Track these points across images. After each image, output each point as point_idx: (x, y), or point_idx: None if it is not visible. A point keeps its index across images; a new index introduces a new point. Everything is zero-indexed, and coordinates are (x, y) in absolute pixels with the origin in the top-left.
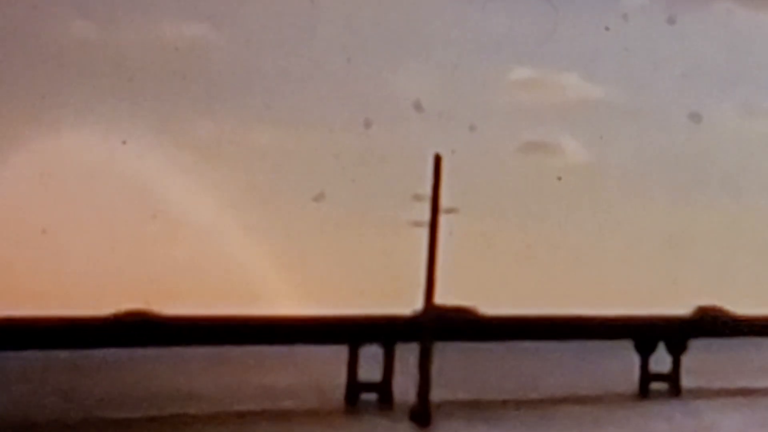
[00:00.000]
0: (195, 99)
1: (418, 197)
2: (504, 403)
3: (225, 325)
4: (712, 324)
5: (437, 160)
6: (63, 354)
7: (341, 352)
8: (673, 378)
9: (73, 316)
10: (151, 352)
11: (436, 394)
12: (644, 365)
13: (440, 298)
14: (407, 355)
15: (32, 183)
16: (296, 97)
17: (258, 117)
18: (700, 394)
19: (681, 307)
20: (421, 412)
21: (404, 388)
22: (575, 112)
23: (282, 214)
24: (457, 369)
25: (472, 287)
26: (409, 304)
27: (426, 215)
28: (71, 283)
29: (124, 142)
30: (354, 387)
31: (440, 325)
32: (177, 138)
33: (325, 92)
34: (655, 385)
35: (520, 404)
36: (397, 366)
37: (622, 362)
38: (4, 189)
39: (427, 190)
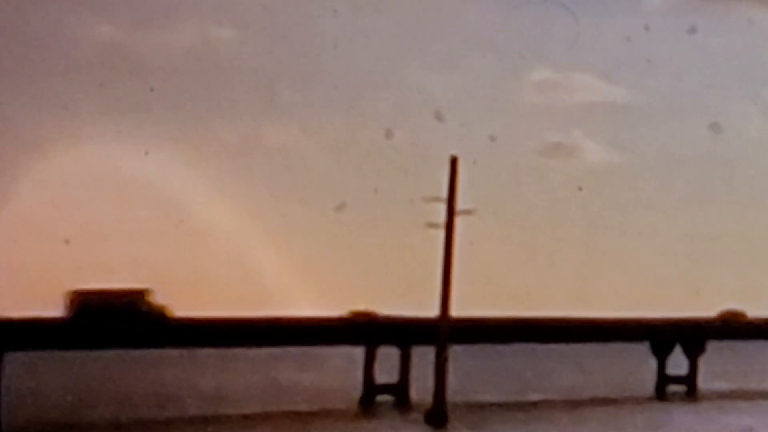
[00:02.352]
0: (217, 108)
1: (434, 199)
2: (521, 405)
3: (243, 326)
4: (729, 326)
5: (453, 162)
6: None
7: (358, 353)
8: (690, 380)
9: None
10: (168, 353)
11: (452, 396)
12: (661, 367)
13: (459, 302)
14: (424, 357)
15: (55, 193)
16: (318, 107)
17: (280, 126)
18: (717, 396)
19: (703, 312)
20: (437, 413)
21: (421, 390)
22: (596, 119)
23: (304, 222)
24: (474, 371)
25: (492, 290)
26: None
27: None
28: None
29: (146, 153)
30: (370, 388)
31: (456, 328)
32: (199, 147)
33: (346, 102)
34: (672, 388)
35: (536, 406)
36: (414, 368)
37: (639, 364)
38: (27, 199)
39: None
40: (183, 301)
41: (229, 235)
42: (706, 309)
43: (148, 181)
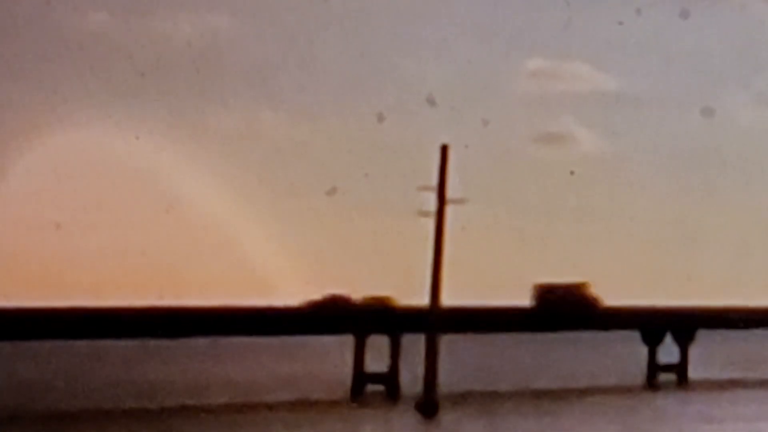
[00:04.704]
0: (208, 94)
1: (425, 188)
2: (511, 394)
3: (231, 315)
4: (721, 315)
5: (444, 150)
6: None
7: (348, 343)
8: (680, 369)
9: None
10: (157, 343)
11: (443, 385)
12: (651, 356)
13: (451, 290)
14: (414, 346)
15: (46, 178)
16: (309, 92)
17: (271, 111)
18: (707, 385)
19: (694, 300)
20: (428, 403)
21: (412, 379)
22: (588, 104)
23: (295, 207)
24: (464, 360)
25: (484, 279)
26: (422, 296)
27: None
28: (85, 278)
29: (137, 137)
30: (360, 378)
31: (447, 316)
32: (190, 133)
33: (338, 87)
34: (663, 377)
35: (527, 395)
36: (404, 357)
37: (629, 353)
38: (18, 184)
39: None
40: (172, 285)
41: (219, 220)
42: (698, 297)
43: (138, 166)
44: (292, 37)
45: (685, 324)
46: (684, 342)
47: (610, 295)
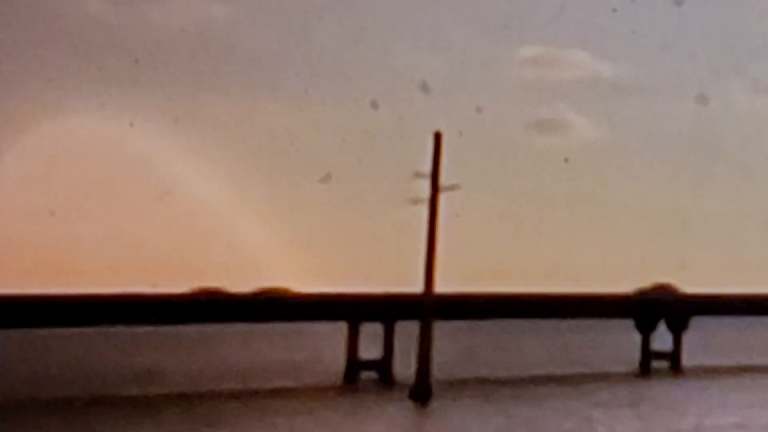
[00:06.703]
0: (202, 81)
1: (418, 175)
2: (505, 381)
3: (225, 302)
4: (714, 303)
5: (437, 137)
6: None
7: (341, 329)
8: (674, 356)
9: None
10: (145, 330)
11: (437, 373)
12: (645, 343)
13: (444, 278)
14: (409, 333)
15: (40, 165)
16: (303, 79)
17: (265, 98)
18: (701, 372)
19: (688, 287)
20: (421, 390)
21: (406, 366)
22: (582, 92)
23: (288, 195)
24: (458, 347)
25: (478, 266)
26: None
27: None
28: (79, 265)
29: (131, 124)
30: (354, 365)
31: (440, 304)
32: (184, 120)
33: (332, 73)
34: (657, 364)
35: (520, 383)
36: (398, 344)
37: (623, 340)
38: (12, 171)
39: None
40: (165, 273)
41: (213, 207)
42: (692, 284)
43: (133, 153)
44: (286, 24)
45: (678, 311)
46: (677, 329)
47: (603, 281)
